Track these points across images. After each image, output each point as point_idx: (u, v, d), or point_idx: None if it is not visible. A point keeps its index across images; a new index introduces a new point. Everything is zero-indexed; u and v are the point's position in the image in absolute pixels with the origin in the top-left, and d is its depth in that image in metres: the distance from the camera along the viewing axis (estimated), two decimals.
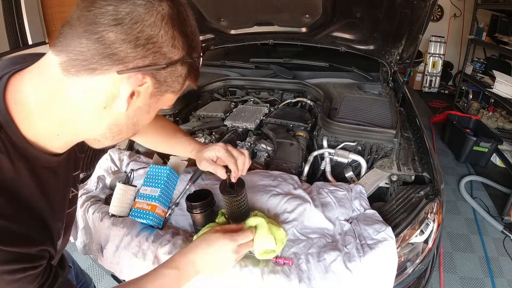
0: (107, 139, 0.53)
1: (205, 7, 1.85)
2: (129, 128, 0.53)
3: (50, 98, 0.46)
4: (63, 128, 0.48)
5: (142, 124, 0.55)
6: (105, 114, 0.48)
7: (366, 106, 1.65)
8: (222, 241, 0.68)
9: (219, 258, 0.68)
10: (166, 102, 0.55)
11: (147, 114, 0.53)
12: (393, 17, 1.54)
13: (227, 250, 0.69)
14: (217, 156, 0.87)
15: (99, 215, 1.08)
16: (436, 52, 5.06)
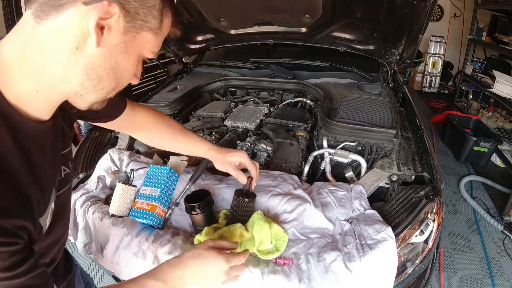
0: (88, 91, 0.49)
1: (205, 7, 1.85)
2: (109, 74, 0.48)
3: (24, 48, 0.44)
4: (39, 82, 0.46)
5: (123, 70, 0.50)
6: (78, 56, 0.45)
7: (366, 106, 1.65)
8: (215, 261, 0.66)
9: (209, 277, 0.65)
10: (146, 45, 0.51)
11: (126, 55, 0.49)
12: (393, 17, 1.53)
13: (219, 270, 0.66)
14: (240, 162, 0.94)
15: (99, 215, 1.08)
16: (436, 52, 5.06)
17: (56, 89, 0.48)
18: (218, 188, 1.11)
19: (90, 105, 0.51)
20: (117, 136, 1.73)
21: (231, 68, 2.35)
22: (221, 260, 0.66)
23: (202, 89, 2.11)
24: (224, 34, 2.12)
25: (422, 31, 1.42)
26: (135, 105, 0.87)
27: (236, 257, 0.69)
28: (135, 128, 0.91)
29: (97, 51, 0.45)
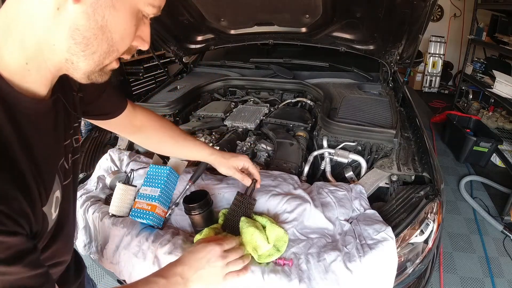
0: (77, 57, 0.44)
1: (205, 7, 1.85)
2: (97, 35, 0.43)
3: (7, 19, 0.42)
4: (27, 52, 0.43)
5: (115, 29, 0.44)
6: (61, 18, 0.41)
7: (366, 106, 1.65)
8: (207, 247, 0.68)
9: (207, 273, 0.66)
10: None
11: (113, 9, 0.43)
12: (393, 17, 1.53)
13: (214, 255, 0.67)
14: (243, 165, 0.97)
15: (99, 215, 1.08)
16: (436, 52, 5.06)
17: (45, 58, 0.45)
18: (218, 188, 1.11)
19: (85, 75, 0.47)
20: (117, 136, 1.73)
21: (231, 68, 2.36)
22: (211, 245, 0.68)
23: (202, 89, 2.11)
24: (224, 34, 2.12)
25: (422, 31, 1.42)
26: (136, 107, 0.87)
27: (232, 251, 0.70)
28: (135, 130, 0.89)
29: (78, 8, 0.41)
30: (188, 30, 2.14)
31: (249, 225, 0.90)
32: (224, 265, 0.69)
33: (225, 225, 0.97)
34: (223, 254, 0.69)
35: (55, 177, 0.52)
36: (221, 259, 0.68)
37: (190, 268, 0.64)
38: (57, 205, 0.53)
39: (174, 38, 2.18)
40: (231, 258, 0.70)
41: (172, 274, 0.62)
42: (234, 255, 0.71)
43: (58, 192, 0.53)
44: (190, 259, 0.66)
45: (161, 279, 0.60)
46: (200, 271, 0.65)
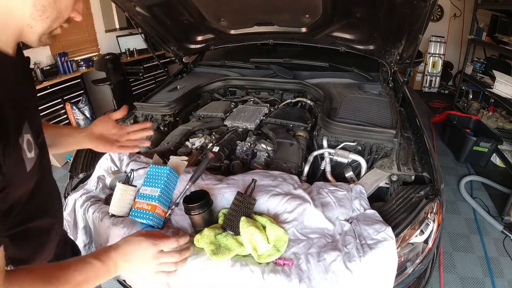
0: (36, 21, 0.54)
1: (205, 7, 1.85)
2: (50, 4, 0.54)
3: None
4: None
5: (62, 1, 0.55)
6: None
7: (366, 106, 1.65)
8: (142, 244, 0.68)
9: (138, 261, 0.67)
10: None
11: None
12: (393, 17, 1.53)
13: (147, 253, 0.67)
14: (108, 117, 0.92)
15: (99, 215, 1.08)
16: (436, 52, 5.06)
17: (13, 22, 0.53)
18: (218, 188, 1.11)
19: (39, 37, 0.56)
20: None
21: (231, 68, 2.35)
22: (148, 243, 0.68)
23: (202, 89, 2.11)
24: (224, 34, 2.12)
25: (422, 31, 1.42)
26: None
27: (166, 241, 0.70)
28: None
29: None
30: (188, 30, 2.14)
31: (249, 225, 0.90)
32: (156, 265, 0.69)
33: (225, 225, 0.97)
34: (156, 255, 0.68)
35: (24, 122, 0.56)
36: (152, 259, 0.68)
37: (122, 259, 0.65)
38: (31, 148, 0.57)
39: (174, 38, 2.18)
40: (164, 260, 0.70)
41: (108, 258, 0.64)
42: (168, 258, 0.70)
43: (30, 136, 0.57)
44: (124, 248, 0.67)
45: (97, 261, 0.62)
46: (130, 263, 0.66)
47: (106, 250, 0.66)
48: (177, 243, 0.72)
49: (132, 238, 0.68)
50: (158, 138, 1.64)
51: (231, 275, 0.87)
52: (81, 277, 0.58)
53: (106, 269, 0.62)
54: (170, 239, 0.71)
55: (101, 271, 0.62)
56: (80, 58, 4.07)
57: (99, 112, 4.32)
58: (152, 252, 0.68)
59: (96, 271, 0.61)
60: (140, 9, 1.81)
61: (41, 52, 3.59)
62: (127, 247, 0.67)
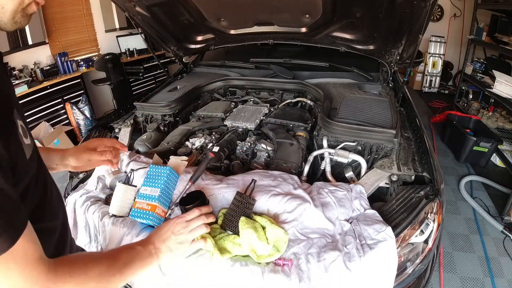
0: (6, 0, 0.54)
1: (205, 7, 1.85)
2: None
3: None
4: None
5: None
6: None
7: (366, 106, 1.65)
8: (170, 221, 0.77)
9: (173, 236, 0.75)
10: None
11: None
12: (393, 17, 1.53)
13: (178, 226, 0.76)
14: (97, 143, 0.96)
15: (99, 215, 1.08)
16: (436, 52, 5.06)
17: None
18: (218, 188, 1.11)
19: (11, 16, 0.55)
20: (117, 136, 1.73)
21: (231, 68, 2.35)
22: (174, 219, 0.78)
23: (202, 89, 2.11)
24: (224, 34, 2.12)
25: (422, 31, 1.42)
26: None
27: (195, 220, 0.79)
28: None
29: None
30: (188, 30, 2.14)
31: (248, 225, 0.90)
32: (188, 232, 0.77)
33: (224, 225, 0.97)
34: (185, 223, 0.77)
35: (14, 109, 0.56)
36: (184, 228, 0.76)
37: (159, 240, 0.73)
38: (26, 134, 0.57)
39: (174, 38, 2.18)
40: (194, 225, 0.78)
41: (147, 243, 0.71)
42: (196, 222, 0.79)
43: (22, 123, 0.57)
44: (158, 233, 0.75)
45: (139, 247, 0.69)
46: (167, 241, 0.73)
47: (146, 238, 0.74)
48: (199, 211, 0.81)
49: (161, 225, 0.77)
50: (158, 138, 1.64)
51: (231, 275, 0.87)
52: (127, 259, 0.64)
53: (148, 253, 0.69)
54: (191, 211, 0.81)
55: (144, 254, 0.68)
56: (80, 58, 4.07)
57: (99, 112, 4.32)
58: (181, 223, 0.76)
59: (139, 255, 0.67)
60: (140, 9, 1.81)
61: (41, 52, 3.60)
62: (158, 231, 0.75)
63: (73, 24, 4.03)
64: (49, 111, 3.55)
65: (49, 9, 3.68)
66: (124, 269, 0.62)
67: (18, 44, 3.30)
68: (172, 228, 0.75)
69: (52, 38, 3.76)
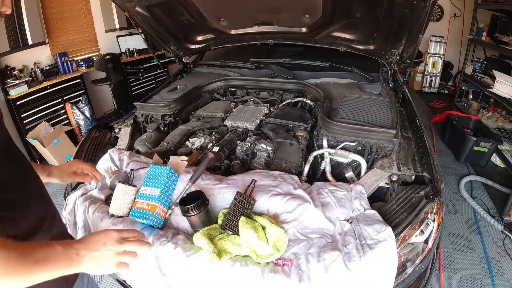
0: None
1: (205, 7, 1.85)
2: None
3: None
4: None
5: None
6: None
7: (366, 106, 1.65)
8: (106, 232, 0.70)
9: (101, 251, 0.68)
10: None
11: None
12: (393, 17, 1.53)
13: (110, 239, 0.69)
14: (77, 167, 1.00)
15: (99, 215, 1.08)
16: (436, 52, 5.06)
17: None
18: (218, 188, 1.11)
19: None
20: (117, 136, 1.73)
21: (231, 68, 2.35)
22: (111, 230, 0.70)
23: (202, 89, 2.11)
24: (224, 34, 2.12)
25: (422, 31, 1.42)
26: None
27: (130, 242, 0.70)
28: None
29: None
30: (188, 30, 2.14)
31: (248, 225, 0.90)
32: (119, 251, 0.69)
33: (224, 225, 0.97)
34: (120, 240, 0.70)
35: None
36: (117, 244, 0.69)
37: (86, 248, 0.66)
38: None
39: (174, 38, 2.18)
40: (128, 247, 0.70)
41: (70, 247, 0.65)
42: (132, 245, 0.71)
43: None
44: (89, 239, 0.68)
45: (60, 247, 0.63)
46: (94, 252, 0.67)
47: (72, 241, 0.67)
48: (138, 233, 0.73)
49: (96, 231, 0.71)
50: (158, 138, 1.64)
51: (231, 275, 0.87)
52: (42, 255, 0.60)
53: (68, 257, 0.63)
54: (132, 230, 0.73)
55: (62, 256, 0.63)
56: (80, 58, 4.07)
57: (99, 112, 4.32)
58: (116, 237, 0.69)
59: (56, 255, 0.62)
60: (140, 9, 1.81)
61: (41, 52, 3.59)
62: (90, 238, 0.69)
63: (73, 24, 4.03)
64: (49, 111, 3.55)
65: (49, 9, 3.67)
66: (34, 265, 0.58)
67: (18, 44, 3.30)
68: (104, 240, 0.68)
69: (52, 38, 3.75)
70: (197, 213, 0.95)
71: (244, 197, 0.98)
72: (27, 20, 3.29)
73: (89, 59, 4.07)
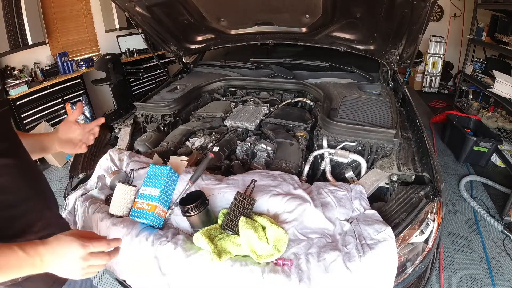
0: None
1: (205, 7, 1.85)
2: None
3: None
4: None
5: None
6: None
7: (366, 106, 1.65)
8: (71, 245, 0.65)
9: (66, 261, 0.65)
10: None
11: None
12: (393, 17, 1.53)
13: (75, 255, 0.65)
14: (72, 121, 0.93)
15: (99, 215, 1.08)
16: (436, 52, 5.06)
17: None
18: (218, 188, 1.11)
19: None
20: (117, 136, 1.73)
21: (231, 68, 2.35)
22: (77, 244, 0.65)
23: (202, 89, 2.11)
24: (224, 34, 2.12)
25: (422, 31, 1.42)
26: None
27: (96, 243, 0.67)
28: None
29: None
30: (188, 30, 2.14)
31: (248, 225, 0.90)
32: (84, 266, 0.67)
33: (224, 225, 0.97)
34: (85, 256, 0.66)
35: None
36: (81, 261, 0.66)
37: (51, 254, 0.64)
38: None
39: (174, 38, 2.18)
40: (92, 263, 0.67)
41: (34, 252, 0.63)
42: (97, 260, 0.68)
43: None
44: (53, 246, 0.65)
45: (22, 252, 0.61)
46: (58, 261, 0.65)
47: (35, 243, 0.64)
48: (108, 246, 0.69)
49: (63, 237, 0.66)
50: (158, 138, 1.64)
51: (231, 275, 0.87)
52: (3, 261, 0.58)
53: (31, 262, 0.62)
54: (101, 241, 0.68)
55: (24, 262, 0.61)
56: (80, 58, 4.07)
57: (99, 112, 4.32)
58: (80, 254, 0.65)
59: (18, 261, 0.60)
60: (140, 9, 1.81)
61: (41, 52, 3.59)
62: (56, 245, 0.65)
63: (73, 24, 4.03)
64: (49, 111, 3.55)
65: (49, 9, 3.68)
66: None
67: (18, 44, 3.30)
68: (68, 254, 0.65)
69: (52, 38, 3.76)
70: (197, 213, 0.95)
71: (244, 197, 0.98)
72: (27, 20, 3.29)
73: (89, 59, 4.07)
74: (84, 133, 0.94)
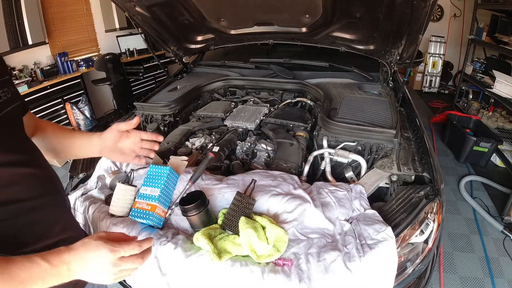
0: None
1: (205, 7, 1.85)
2: None
3: None
4: None
5: None
6: None
7: (366, 106, 1.65)
8: (101, 250, 0.61)
9: (96, 267, 0.61)
10: None
11: None
12: (393, 17, 1.53)
13: (105, 261, 0.61)
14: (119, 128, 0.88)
15: (99, 215, 1.08)
16: (436, 52, 5.06)
17: None
18: (218, 188, 1.11)
19: None
20: None
21: (231, 68, 2.35)
22: (107, 249, 0.61)
23: (202, 89, 2.11)
24: (224, 34, 2.12)
25: (422, 31, 1.42)
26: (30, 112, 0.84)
27: (126, 247, 0.64)
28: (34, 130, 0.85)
29: None
30: (188, 30, 2.14)
31: (248, 225, 0.90)
32: (116, 271, 0.63)
33: (224, 225, 0.97)
34: (115, 262, 0.62)
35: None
36: (111, 267, 0.62)
37: (78, 261, 0.60)
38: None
39: (174, 38, 2.18)
40: (124, 267, 0.64)
41: (59, 262, 0.59)
42: (129, 265, 0.64)
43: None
44: (80, 252, 0.61)
45: (45, 263, 0.57)
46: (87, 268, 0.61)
47: (59, 251, 0.60)
48: (139, 248, 0.66)
49: (90, 241, 0.62)
50: None
51: (231, 275, 0.87)
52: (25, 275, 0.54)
53: (56, 272, 0.58)
54: (131, 244, 0.65)
55: (48, 273, 0.57)
56: (80, 58, 4.07)
57: (99, 112, 4.32)
58: (110, 259, 0.61)
59: (43, 273, 0.56)
60: (140, 9, 1.81)
61: (41, 52, 3.59)
62: (83, 252, 0.61)
63: (73, 24, 4.03)
64: (49, 111, 3.56)
65: (49, 9, 3.68)
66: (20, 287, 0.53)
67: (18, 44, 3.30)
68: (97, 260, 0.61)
69: (52, 38, 3.76)
70: (197, 213, 0.95)
71: (244, 197, 0.98)
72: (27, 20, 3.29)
73: (89, 59, 4.08)
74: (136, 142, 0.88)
